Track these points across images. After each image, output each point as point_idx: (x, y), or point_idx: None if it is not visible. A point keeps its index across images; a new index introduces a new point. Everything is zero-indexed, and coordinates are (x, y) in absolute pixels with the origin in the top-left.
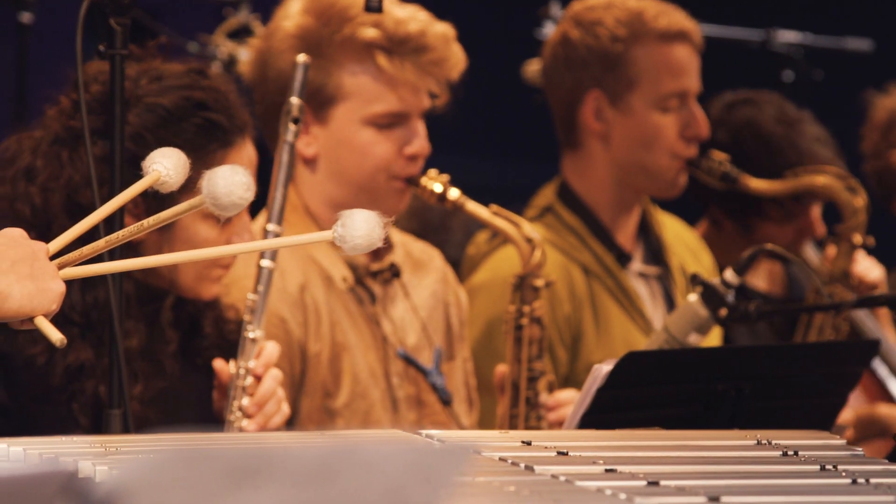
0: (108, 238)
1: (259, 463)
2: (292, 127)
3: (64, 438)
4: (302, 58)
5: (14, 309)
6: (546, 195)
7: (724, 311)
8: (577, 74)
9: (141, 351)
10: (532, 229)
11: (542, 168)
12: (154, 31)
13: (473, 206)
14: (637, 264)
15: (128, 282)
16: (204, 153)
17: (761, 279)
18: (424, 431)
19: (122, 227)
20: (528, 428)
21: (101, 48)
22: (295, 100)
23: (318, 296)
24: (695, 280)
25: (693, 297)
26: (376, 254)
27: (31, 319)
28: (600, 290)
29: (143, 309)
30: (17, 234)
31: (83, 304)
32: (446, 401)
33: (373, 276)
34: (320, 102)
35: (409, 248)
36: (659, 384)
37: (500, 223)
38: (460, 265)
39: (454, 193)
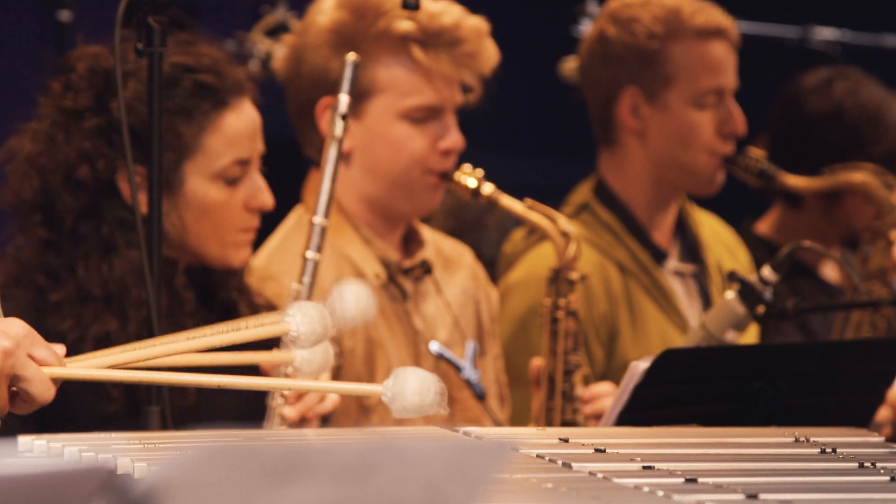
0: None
1: (298, 460)
2: (340, 123)
3: (102, 435)
4: (352, 56)
5: None
6: (582, 193)
7: (761, 309)
8: (613, 71)
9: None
10: (567, 223)
11: (578, 166)
12: (191, 28)
13: (508, 201)
14: (673, 262)
15: (139, 254)
16: (198, 114)
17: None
18: (462, 428)
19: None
20: (564, 421)
21: (140, 46)
22: (344, 96)
23: None
24: (732, 277)
25: (730, 295)
26: (408, 251)
27: None
28: (636, 287)
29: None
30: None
31: (101, 278)
32: (481, 395)
33: (405, 273)
34: (355, 97)
35: (440, 246)
36: (696, 381)
37: (534, 217)
38: (496, 263)
39: (488, 188)
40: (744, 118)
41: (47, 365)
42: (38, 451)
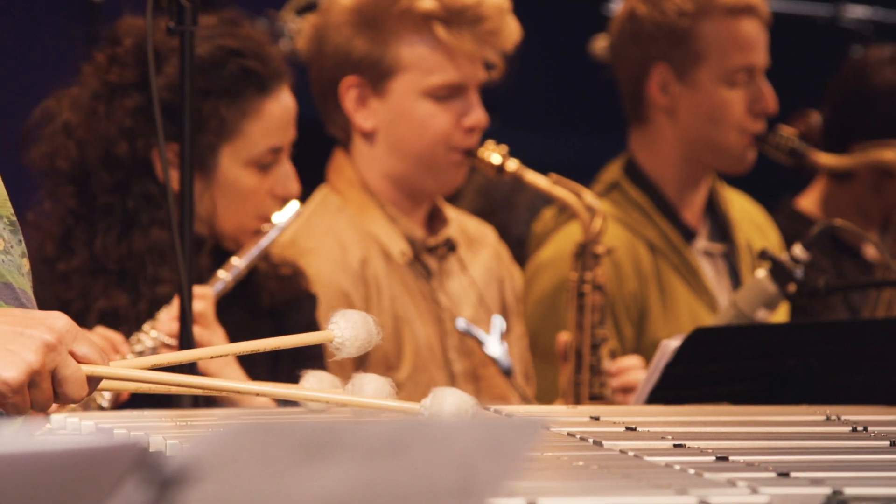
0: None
1: (330, 437)
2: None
3: (135, 413)
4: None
5: None
6: (613, 171)
7: (792, 287)
8: (643, 49)
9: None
10: (593, 197)
11: (609, 144)
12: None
13: (532, 176)
14: (702, 242)
15: (163, 231)
16: (241, 99)
17: None
18: (493, 406)
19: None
20: (592, 395)
21: (170, 25)
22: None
23: (378, 270)
24: (763, 256)
25: (762, 273)
26: (432, 229)
27: None
28: (666, 266)
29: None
30: (40, 314)
31: (118, 253)
32: (507, 371)
33: (429, 251)
34: (378, 75)
35: (464, 225)
36: (727, 360)
37: (560, 192)
38: (526, 242)
39: (513, 164)
40: (775, 96)
41: (88, 362)
42: (70, 429)
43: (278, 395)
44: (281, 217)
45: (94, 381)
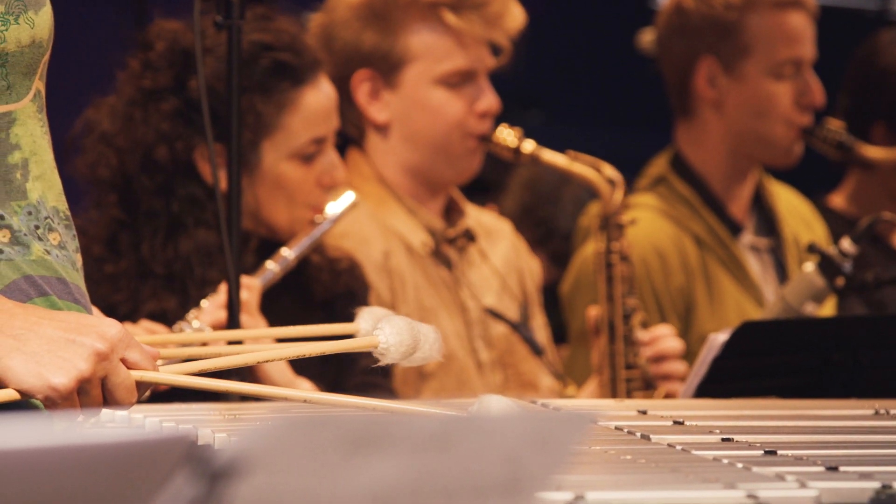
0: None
1: (378, 430)
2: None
3: (183, 405)
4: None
5: (11, 379)
6: (659, 165)
7: (840, 281)
8: (690, 42)
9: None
10: (612, 169)
11: (656, 138)
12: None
13: (550, 155)
14: (749, 236)
15: (209, 233)
16: (276, 93)
17: None
18: (540, 400)
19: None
20: (627, 365)
21: (218, 19)
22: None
23: (401, 262)
24: (811, 249)
25: (810, 267)
26: (450, 220)
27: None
28: (712, 260)
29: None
30: (94, 321)
31: (165, 256)
32: (539, 351)
33: (449, 242)
34: (389, 67)
35: (480, 219)
36: (775, 353)
37: (579, 168)
38: (571, 236)
39: (529, 146)
40: (822, 89)
41: (139, 369)
42: (119, 421)
43: (326, 402)
44: (335, 208)
45: (143, 387)
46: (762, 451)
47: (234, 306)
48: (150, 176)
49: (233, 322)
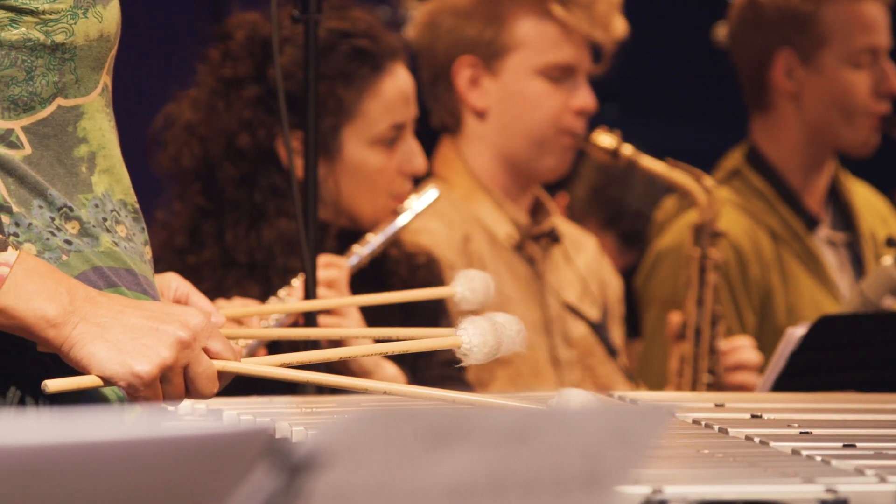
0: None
1: (457, 424)
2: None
3: (261, 398)
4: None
5: (94, 366)
6: (734, 158)
7: None
8: (766, 35)
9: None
10: (710, 180)
11: (729, 131)
12: None
13: (649, 161)
14: (825, 230)
15: (291, 222)
16: (356, 79)
17: None
18: (617, 393)
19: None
20: (709, 371)
21: (295, 13)
22: None
23: (482, 248)
24: (890, 243)
25: (888, 261)
26: (535, 220)
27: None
28: (788, 254)
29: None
30: (177, 310)
31: (248, 245)
32: (614, 352)
33: (533, 239)
34: (492, 54)
35: (567, 229)
36: (853, 347)
37: (677, 176)
38: (641, 218)
39: (627, 149)
40: None
41: (221, 359)
42: (197, 414)
43: (406, 393)
44: (418, 203)
45: (224, 378)
46: (841, 445)
47: (310, 290)
48: (234, 164)
49: (311, 317)
